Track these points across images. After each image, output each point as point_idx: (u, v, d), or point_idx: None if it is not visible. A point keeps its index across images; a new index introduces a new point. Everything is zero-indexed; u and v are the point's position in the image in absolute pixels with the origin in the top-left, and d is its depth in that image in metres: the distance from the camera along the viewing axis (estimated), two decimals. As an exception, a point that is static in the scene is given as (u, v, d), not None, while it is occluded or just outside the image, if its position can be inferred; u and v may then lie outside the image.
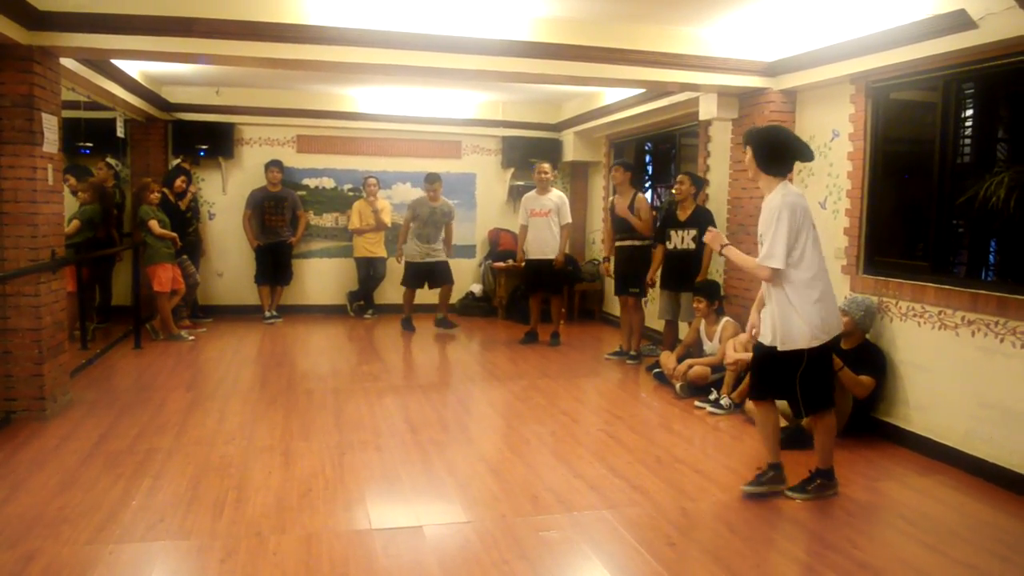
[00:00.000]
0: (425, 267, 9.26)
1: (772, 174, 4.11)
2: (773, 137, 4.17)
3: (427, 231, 9.21)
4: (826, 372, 4.22)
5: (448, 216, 9.35)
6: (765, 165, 4.11)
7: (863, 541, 3.81)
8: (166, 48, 5.47)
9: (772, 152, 4.10)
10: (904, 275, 5.40)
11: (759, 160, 4.12)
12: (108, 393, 6.22)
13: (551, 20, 5.95)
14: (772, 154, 4.10)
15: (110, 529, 3.70)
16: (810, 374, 4.12)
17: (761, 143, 4.13)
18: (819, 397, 4.20)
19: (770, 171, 4.11)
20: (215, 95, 9.80)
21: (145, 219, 8.13)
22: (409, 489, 4.36)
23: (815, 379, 4.15)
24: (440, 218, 9.26)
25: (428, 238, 9.22)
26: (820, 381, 4.18)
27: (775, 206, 4.00)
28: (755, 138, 4.17)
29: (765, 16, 5.86)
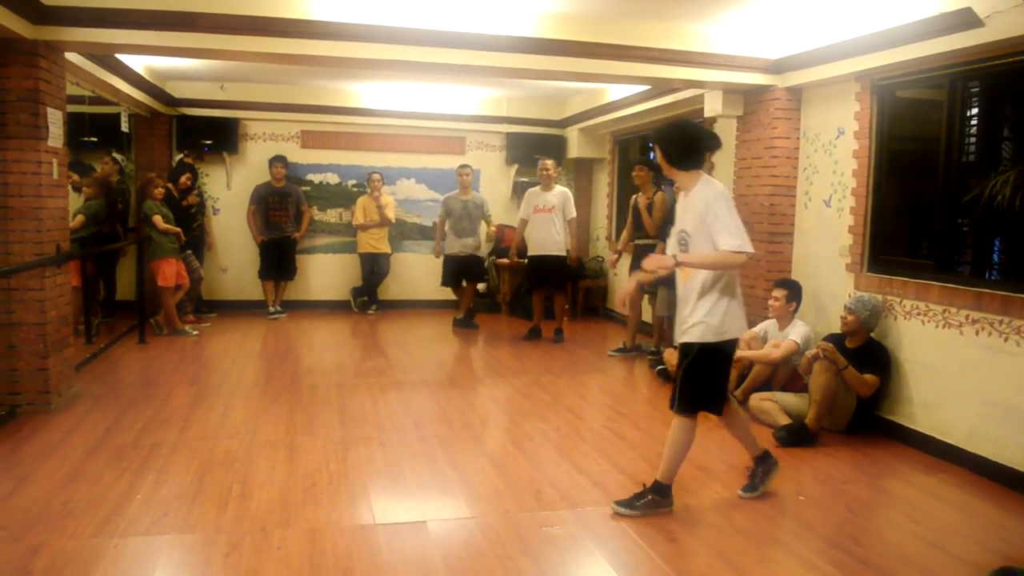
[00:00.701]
0: (460, 262, 9.28)
1: (688, 168, 3.98)
2: (683, 131, 4.00)
3: (462, 225, 9.23)
4: (709, 375, 4.00)
5: (481, 209, 9.34)
6: (680, 160, 3.96)
7: (867, 539, 3.82)
8: (170, 43, 5.48)
9: (685, 145, 3.96)
10: (909, 273, 5.40)
11: (672, 157, 3.96)
12: (113, 387, 6.24)
13: (556, 16, 5.94)
14: (686, 148, 3.96)
15: (115, 523, 3.71)
16: (694, 371, 3.96)
17: (672, 138, 3.98)
18: (692, 397, 3.99)
19: (686, 166, 3.97)
20: (220, 90, 9.81)
21: (149, 214, 8.14)
22: (413, 484, 4.36)
23: (696, 377, 3.97)
24: (473, 211, 9.26)
25: (464, 232, 9.23)
26: (700, 382, 3.98)
27: (709, 199, 3.84)
28: (665, 135, 4.01)
29: (770, 13, 5.85)
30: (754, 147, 6.75)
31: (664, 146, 3.98)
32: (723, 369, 4.09)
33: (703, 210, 3.84)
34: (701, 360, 3.95)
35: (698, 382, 3.98)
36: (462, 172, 9.28)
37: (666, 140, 3.99)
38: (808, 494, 4.38)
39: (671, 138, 3.98)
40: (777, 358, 5.83)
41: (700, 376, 3.98)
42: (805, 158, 6.48)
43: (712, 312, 3.88)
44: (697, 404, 4.03)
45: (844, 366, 5.20)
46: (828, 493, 4.40)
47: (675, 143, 3.96)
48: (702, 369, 3.96)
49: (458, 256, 9.25)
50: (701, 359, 3.94)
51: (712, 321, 3.88)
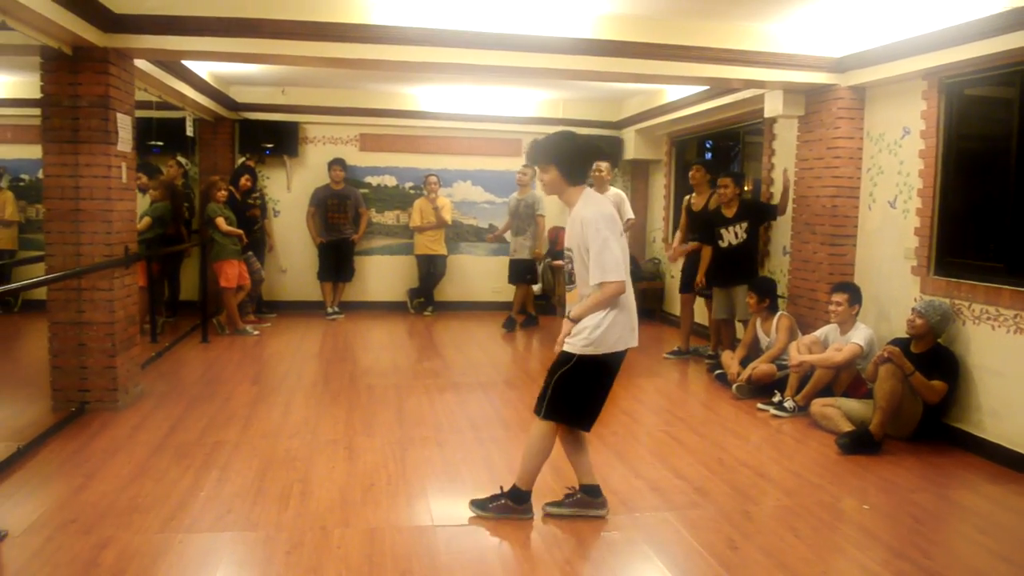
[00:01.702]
0: (514, 263, 9.48)
1: (576, 183, 3.76)
2: (576, 145, 3.77)
3: (515, 224, 9.32)
4: (583, 387, 3.76)
5: (531, 208, 9.30)
6: (572, 176, 3.74)
7: (933, 549, 3.72)
8: (234, 49, 5.59)
9: (579, 159, 3.76)
10: (977, 277, 5.25)
11: (566, 173, 3.72)
12: (177, 386, 6.38)
13: (615, 17, 5.91)
14: (579, 161, 3.76)
15: (180, 518, 3.80)
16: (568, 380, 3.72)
17: (566, 154, 3.72)
18: (559, 406, 3.77)
19: (575, 181, 3.76)
20: (281, 95, 9.97)
21: (212, 216, 8.31)
22: (470, 486, 4.37)
23: (569, 387, 3.73)
24: (524, 210, 9.28)
25: (517, 231, 9.32)
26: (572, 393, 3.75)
27: (589, 219, 3.62)
28: (556, 152, 3.73)
29: (833, 10, 5.73)
30: (816, 147, 6.63)
31: (562, 163, 3.72)
32: (601, 382, 3.80)
33: (582, 231, 3.64)
34: (578, 371, 3.71)
35: (570, 393, 3.74)
36: (520, 171, 9.40)
37: (563, 156, 3.73)
38: (872, 503, 4.28)
39: (570, 153, 3.74)
40: (840, 361, 5.71)
41: (573, 387, 3.74)
42: (869, 158, 6.35)
43: (599, 324, 3.65)
44: (563, 415, 3.81)
45: (911, 372, 5.07)
46: (893, 502, 4.30)
47: (573, 156, 3.74)
48: (577, 380, 3.72)
49: (512, 259, 9.47)
50: (578, 369, 3.71)
51: (595, 335, 3.64)
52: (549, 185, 3.79)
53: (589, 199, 3.74)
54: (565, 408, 3.79)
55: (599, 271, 3.58)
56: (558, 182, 3.76)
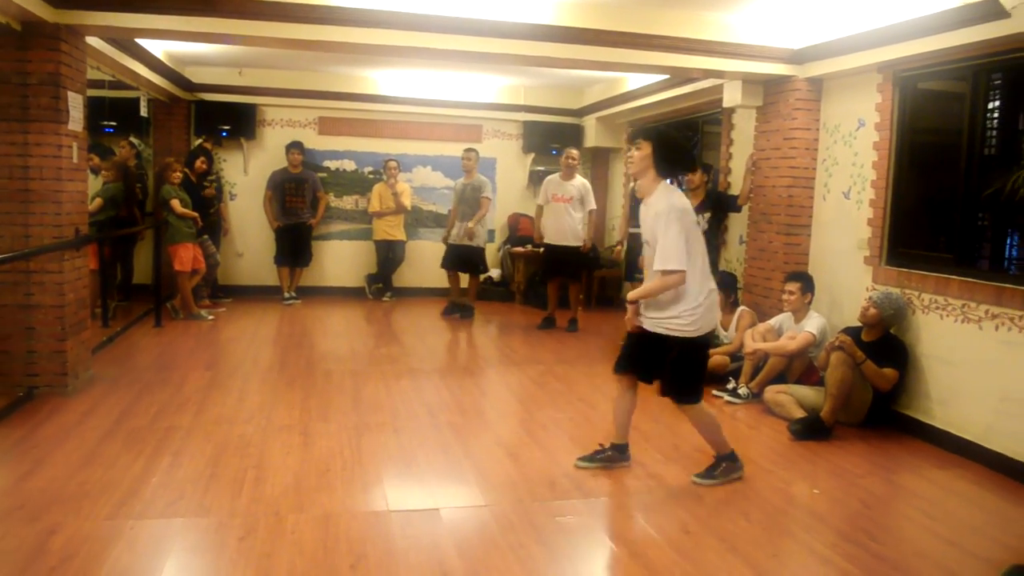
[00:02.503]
0: (456, 250, 9.20)
1: (661, 175, 4.07)
2: (676, 143, 4.16)
3: (462, 209, 9.13)
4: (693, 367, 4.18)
5: (478, 191, 9.13)
6: (660, 164, 4.03)
7: (881, 533, 3.80)
8: (191, 28, 5.49)
9: (675, 154, 4.08)
10: (928, 267, 5.35)
11: (659, 159, 4.02)
12: (129, 371, 6.28)
13: (575, 4, 5.90)
14: (674, 155, 4.08)
15: (130, 505, 3.74)
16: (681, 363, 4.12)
17: (668, 143, 4.07)
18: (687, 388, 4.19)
19: (661, 171, 4.06)
20: (238, 76, 9.82)
21: (167, 198, 8.18)
22: (426, 471, 4.38)
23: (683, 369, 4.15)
24: (471, 193, 9.11)
25: (465, 216, 9.10)
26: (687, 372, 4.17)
27: (663, 211, 3.93)
28: (659, 137, 4.08)
29: (792, 2, 5.78)
30: (773, 138, 6.70)
31: (657, 148, 4.01)
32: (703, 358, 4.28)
33: (654, 223, 3.97)
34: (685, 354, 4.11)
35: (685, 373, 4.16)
36: (464, 156, 9.21)
37: (661, 143, 4.03)
38: (822, 488, 4.36)
39: (668, 144, 4.05)
40: (793, 350, 5.80)
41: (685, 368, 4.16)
42: (824, 149, 6.43)
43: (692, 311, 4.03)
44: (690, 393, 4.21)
45: (862, 360, 5.16)
46: (843, 487, 4.38)
47: (668, 150, 4.02)
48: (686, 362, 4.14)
49: (454, 245, 9.18)
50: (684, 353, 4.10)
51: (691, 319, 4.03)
52: (638, 162, 4.05)
53: (666, 192, 4.02)
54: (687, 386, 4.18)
55: (661, 259, 3.89)
56: (646, 163, 4.02)
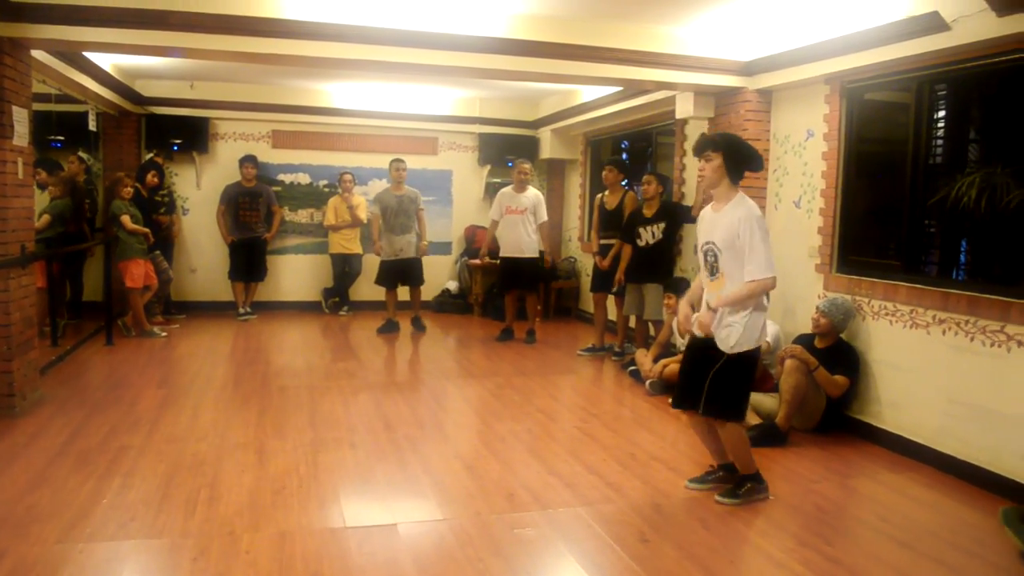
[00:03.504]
0: (396, 265, 9.06)
1: (735, 181, 4.08)
2: (743, 144, 4.15)
3: (399, 221, 8.96)
4: (742, 383, 4.14)
5: (415, 203, 9.04)
6: (733, 172, 4.05)
7: (836, 537, 3.85)
8: (140, 41, 5.41)
9: (744, 159, 4.07)
10: (877, 274, 5.45)
11: (731, 167, 4.03)
12: (79, 390, 6.14)
13: (529, 17, 5.94)
14: (743, 161, 4.07)
15: (80, 528, 3.65)
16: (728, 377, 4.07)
17: (736, 149, 4.06)
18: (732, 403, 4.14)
19: (735, 179, 4.07)
20: (189, 89, 9.70)
21: (117, 214, 8.04)
22: (384, 487, 4.34)
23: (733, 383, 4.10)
24: (408, 206, 8.99)
25: (401, 229, 8.97)
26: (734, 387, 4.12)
27: (743, 219, 3.95)
28: (727, 143, 4.08)
29: (742, 16, 5.88)
30: (725, 149, 6.77)
31: (729, 155, 4.02)
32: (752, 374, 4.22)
33: (737, 229, 3.95)
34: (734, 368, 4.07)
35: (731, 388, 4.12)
36: (396, 167, 9.02)
37: (732, 149, 4.04)
38: (778, 493, 4.40)
39: (739, 148, 4.07)
40: (748, 358, 5.86)
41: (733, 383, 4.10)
42: (775, 159, 6.53)
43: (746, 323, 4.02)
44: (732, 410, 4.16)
45: (815, 366, 5.24)
46: (798, 492, 4.43)
47: (740, 155, 4.05)
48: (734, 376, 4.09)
49: (392, 261, 9.01)
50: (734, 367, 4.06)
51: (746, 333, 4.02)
52: (711, 173, 4.03)
53: (743, 200, 4.02)
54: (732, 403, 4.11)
55: (755, 267, 3.91)
56: (719, 172, 4.02)
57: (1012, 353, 4.41)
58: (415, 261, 9.13)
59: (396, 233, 8.98)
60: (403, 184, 9.06)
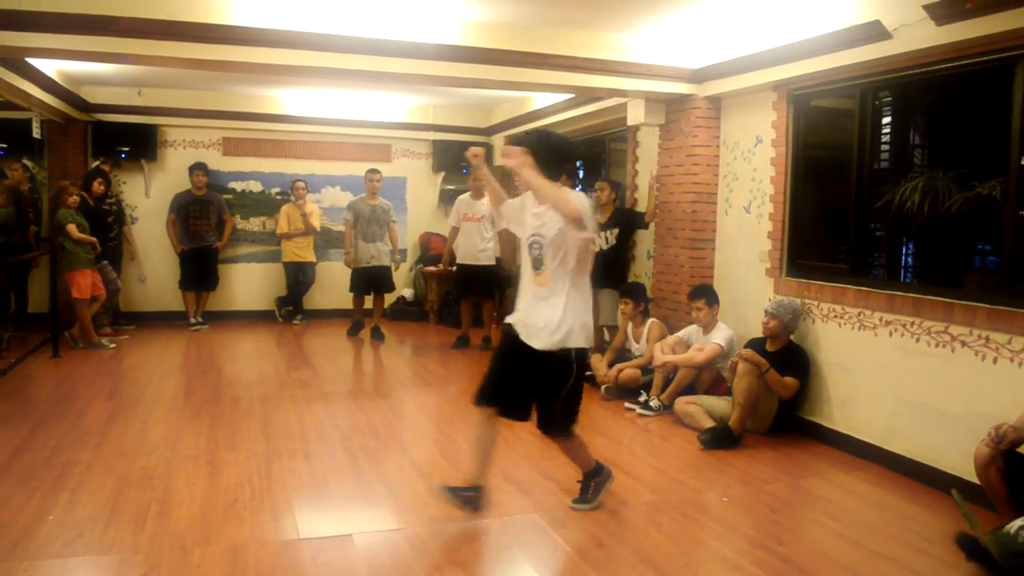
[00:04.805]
0: (368, 272, 9.13)
1: (553, 179, 3.78)
2: (555, 141, 3.90)
3: (371, 230, 9.06)
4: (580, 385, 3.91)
5: (387, 214, 9.18)
6: (549, 170, 3.76)
7: (788, 537, 3.90)
8: (85, 47, 5.30)
9: (556, 156, 3.82)
10: (825, 277, 5.55)
11: (544, 165, 3.74)
12: (24, 404, 6.00)
13: (480, 24, 5.95)
14: (555, 158, 3.81)
15: (25, 545, 3.56)
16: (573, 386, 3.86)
17: (545, 146, 3.81)
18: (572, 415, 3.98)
19: (553, 176, 3.78)
20: (137, 96, 9.54)
21: (63, 223, 7.88)
22: (339, 497, 4.30)
23: (576, 392, 3.91)
24: (381, 215, 9.10)
25: (371, 237, 9.06)
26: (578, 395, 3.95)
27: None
28: (535, 142, 3.82)
29: (691, 24, 5.96)
30: (676, 155, 6.86)
31: (537, 153, 3.75)
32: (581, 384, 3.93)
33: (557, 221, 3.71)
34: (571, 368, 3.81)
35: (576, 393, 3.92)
36: (372, 177, 9.14)
37: (540, 148, 3.79)
38: (732, 495, 4.46)
39: (547, 147, 3.81)
40: (701, 361, 5.93)
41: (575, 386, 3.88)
42: (725, 165, 6.62)
43: (584, 320, 3.83)
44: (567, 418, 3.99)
45: (766, 369, 5.31)
46: (751, 494, 4.49)
47: (549, 152, 3.79)
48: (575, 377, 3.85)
49: (366, 268, 9.12)
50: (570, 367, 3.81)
51: (580, 330, 3.80)
52: (524, 172, 3.77)
53: (567, 193, 3.76)
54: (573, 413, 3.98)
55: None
56: (532, 171, 3.73)
57: (956, 353, 4.52)
58: (386, 269, 9.24)
59: (367, 241, 9.08)
60: (377, 194, 9.13)
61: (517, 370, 3.81)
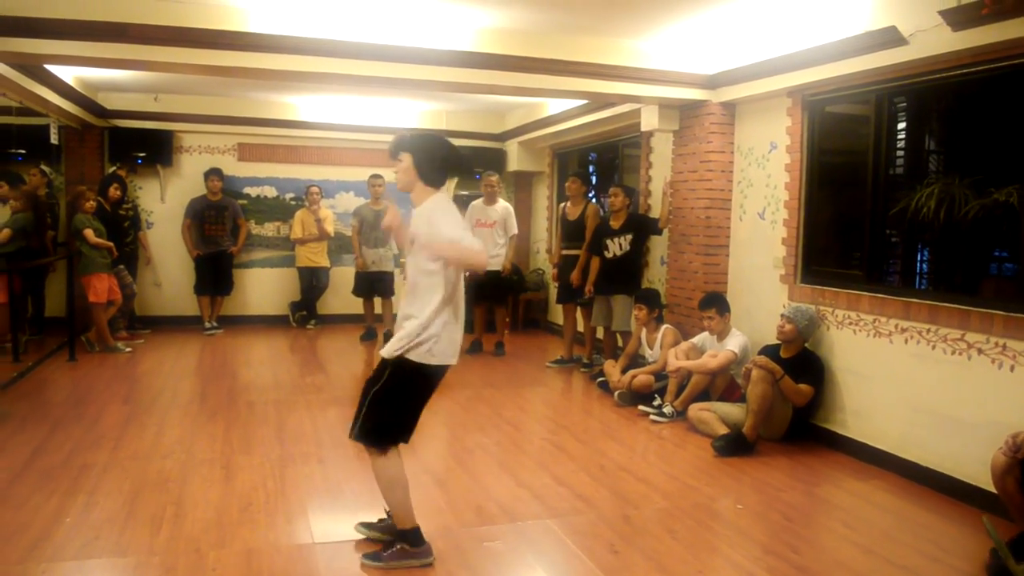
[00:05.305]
0: (370, 276, 9.29)
1: (432, 184, 3.57)
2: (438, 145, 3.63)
3: (376, 235, 9.16)
4: (402, 401, 3.53)
5: None
6: (429, 175, 3.54)
7: (802, 545, 3.89)
8: (101, 54, 5.36)
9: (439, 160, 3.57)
10: (840, 284, 5.53)
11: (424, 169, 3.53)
12: (41, 407, 6.04)
13: (495, 31, 5.97)
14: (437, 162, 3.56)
15: (43, 548, 3.59)
16: (387, 392, 3.50)
17: (427, 151, 3.57)
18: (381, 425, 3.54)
19: (432, 182, 3.56)
20: (153, 102, 9.61)
21: (80, 228, 7.94)
22: (352, 502, 4.31)
23: (389, 400, 3.50)
24: None
25: (378, 242, 9.19)
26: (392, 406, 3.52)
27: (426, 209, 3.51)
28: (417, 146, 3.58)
29: (705, 30, 5.96)
30: (690, 161, 6.86)
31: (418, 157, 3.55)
32: (410, 398, 3.57)
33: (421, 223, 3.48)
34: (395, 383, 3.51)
35: (388, 408, 3.52)
36: (374, 183, 9.29)
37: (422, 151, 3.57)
38: (746, 502, 4.44)
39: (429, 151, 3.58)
40: (715, 367, 5.91)
41: (390, 401, 3.52)
42: (739, 171, 6.61)
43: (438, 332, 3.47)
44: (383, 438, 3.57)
45: (781, 375, 5.29)
46: (765, 501, 4.47)
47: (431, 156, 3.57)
48: (393, 394, 3.52)
49: (368, 272, 9.29)
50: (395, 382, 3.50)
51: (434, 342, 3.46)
52: (402, 173, 3.58)
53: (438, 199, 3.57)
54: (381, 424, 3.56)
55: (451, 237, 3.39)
56: (410, 174, 3.55)
57: (972, 361, 4.49)
58: (388, 274, 9.32)
59: (370, 246, 9.21)
60: (381, 199, 9.18)
61: None
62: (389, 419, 3.52)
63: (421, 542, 3.58)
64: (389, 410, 3.51)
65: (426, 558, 3.56)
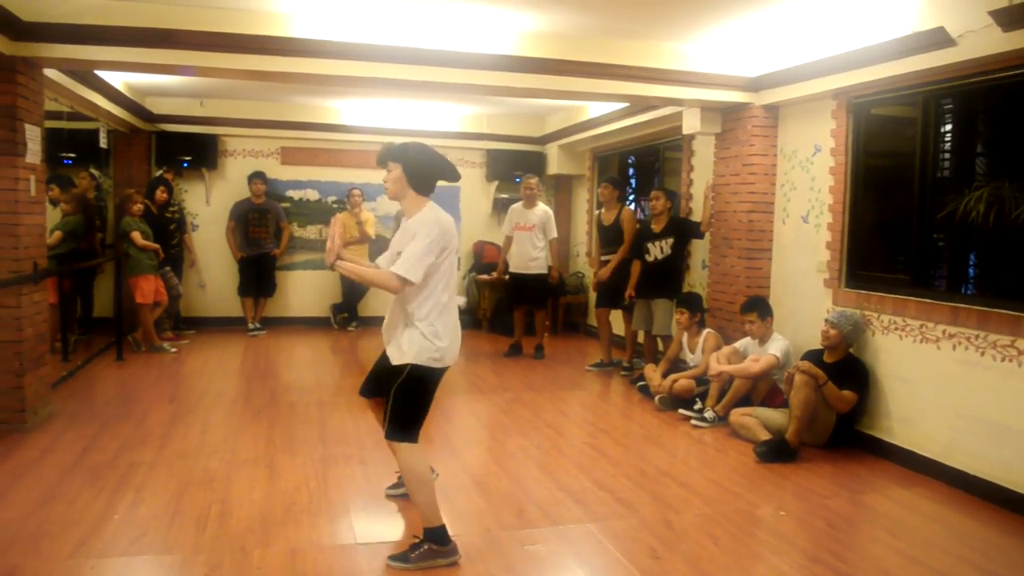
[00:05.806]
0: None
1: (423, 193, 3.68)
2: (427, 154, 3.71)
3: None
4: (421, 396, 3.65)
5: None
6: (419, 184, 3.65)
7: (846, 553, 3.84)
8: (148, 59, 5.46)
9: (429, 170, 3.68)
10: (886, 289, 5.45)
11: (414, 178, 3.64)
12: (90, 406, 6.17)
13: (536, 35, 5.98)
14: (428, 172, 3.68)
15: (92, 543, 3.67)
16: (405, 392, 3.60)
17: (417, 160, 3.66)
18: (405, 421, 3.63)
19: (422, 190, 3.67)
20: (199, 106, 9.78)
21: (127, 230, 8.09)
22: (394, 503, 4.34)
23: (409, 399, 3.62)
24: None
25: None
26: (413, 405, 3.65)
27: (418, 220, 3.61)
28: (408, 155, 3.66)
29: (748, 32, 5.91)
30: (732, 164, 6.81)
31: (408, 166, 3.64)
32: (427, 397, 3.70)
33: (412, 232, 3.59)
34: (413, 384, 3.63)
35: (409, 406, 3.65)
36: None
37: (412, 161, 3.66)
38: (789, 509, 4.40)
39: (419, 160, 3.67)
40: (757, 372, 5.86)
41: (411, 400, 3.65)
42: (783, 175, 6.54)
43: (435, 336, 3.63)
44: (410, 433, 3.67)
45: (824, 381, 5.23)
46: (809, 508, 4.42)
47: (421, 166, 3.67)
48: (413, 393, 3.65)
49: None
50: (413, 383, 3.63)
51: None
52: (392, 183, 3.67)
53: (431, 209, 3.66)
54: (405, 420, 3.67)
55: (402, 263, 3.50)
56: (400, 183, 3.65)
57: (1023, 368, 4.40)
58: None
59: None
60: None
61: None
62: (413, 410, 3.67)
63: (447, 541, 3.60)
64: (411, 403, 3.65)
65: (452, 556, 3.58)
